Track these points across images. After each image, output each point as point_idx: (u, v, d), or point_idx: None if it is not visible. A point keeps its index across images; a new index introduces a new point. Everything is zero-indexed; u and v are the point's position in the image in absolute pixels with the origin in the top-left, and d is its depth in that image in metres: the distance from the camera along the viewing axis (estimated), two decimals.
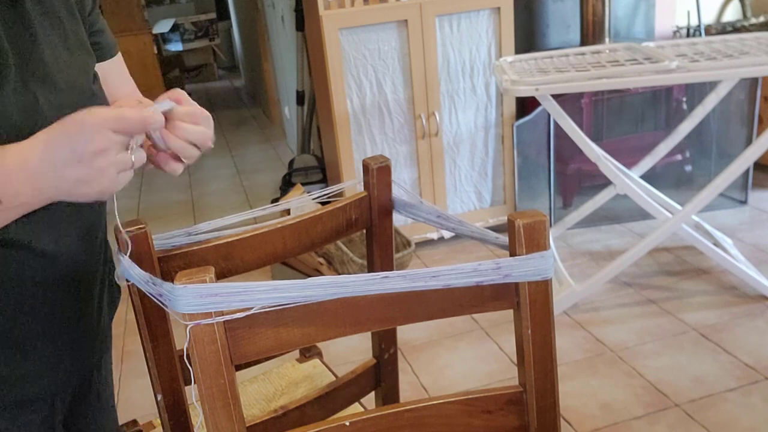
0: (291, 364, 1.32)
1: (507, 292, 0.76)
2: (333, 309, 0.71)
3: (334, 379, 1.23)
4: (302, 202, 0.97)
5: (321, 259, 2.59)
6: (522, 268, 0.73)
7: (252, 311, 0.67)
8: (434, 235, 2.92)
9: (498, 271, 0.73)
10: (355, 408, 1.16)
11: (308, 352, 1.35)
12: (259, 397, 1.24)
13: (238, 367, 0.95)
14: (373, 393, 1.14)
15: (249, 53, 6.71)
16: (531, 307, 0.75)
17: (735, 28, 3.27)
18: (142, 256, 0.80)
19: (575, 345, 2.15)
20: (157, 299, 0.68)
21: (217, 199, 4.01)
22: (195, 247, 0.86)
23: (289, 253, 0.94)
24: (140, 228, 0.80)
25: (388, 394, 1.13)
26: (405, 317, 0.75)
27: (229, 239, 0.88)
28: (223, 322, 0.66)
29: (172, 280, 0.64)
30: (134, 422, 1.21)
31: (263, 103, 6.19)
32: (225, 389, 0.67)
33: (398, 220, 2.85)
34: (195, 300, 0.64)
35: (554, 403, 0.80)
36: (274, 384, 1.27)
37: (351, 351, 2.18)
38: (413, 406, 0.78)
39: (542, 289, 0.75)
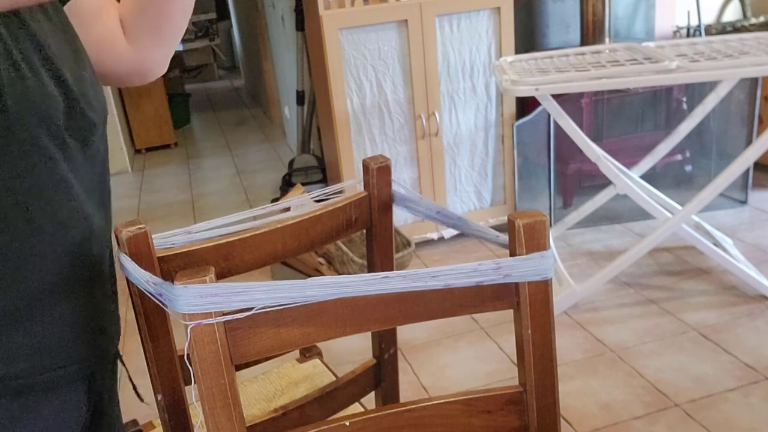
0: (291, 364, 1.32)
1: (507, 292, 0.76)
2: (333, 309, 0.71)
3: (334, 379, 1.23)
4: (302, 201, 0.97)
5: (321, 259, 2.59)
6: (522, 268, 0.73)
7: (252, 311, 0.67)
8: (434, 235, 2.92)
9: (498, 271, 0.73)
10: (355, 408, 1.16)
11: (308, 352, 1.35)
12: (259, 397, 1.24)
13: (238, 367, 0.95)
14: (373, 393, 1.14)
15: (249, 53, 6.71)
16: (531, 307, 0.75)
17: (735, 28, 3.27)
18: (141, 256, 0.80)
19: (575, 345, 2.15)
20: (157, 299, 0.68)
21: (217, 199, 4.01)
22: (195, 247, 0.86)
23: (289, 253, 0.94)
24: (140, 228, 0.80)
25: (388, 394, 1.13)
26: (405, 317, 0.75)
27: (230, 239, 0.88)
28: (224, 322, 0.66)
29: (172, 280, 0.64)
30: (134, 422, 1.21)
31: (263, 103, 6.19)
32: (225, 389, 0.68)
33: (398, 220, 2.85)
34: (195, 300, 0.64)
35: (554, 402, 0.80)
36: (274, 384, 1.27)
37: (351, 351, 2.18)
38: (413, 406, 0.78)
39: (542, 289, 0.75)
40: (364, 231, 1.01)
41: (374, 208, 0.98)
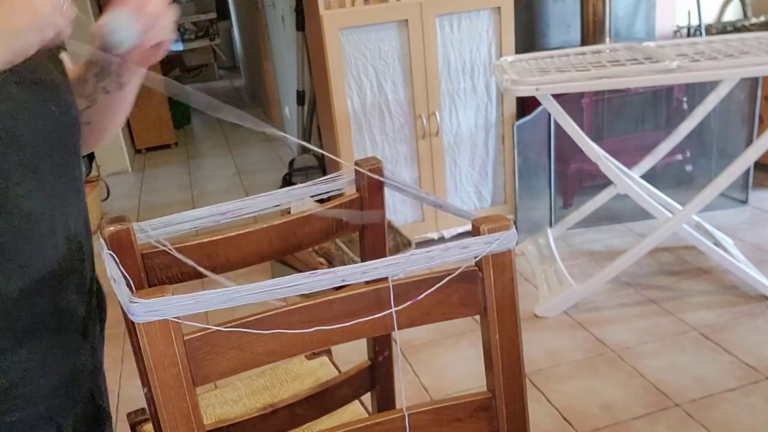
0: (299, 360, 1.32)
1: (473, 299, 0.76)
2: (296, 324, 0.70)
3: None
4: (303, 192, 0.96)
5: (321, 259, 2.59)
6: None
7: (213, 329, 0.66)
8: (434, 235, 2.92)
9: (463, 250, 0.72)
10: (353, 408, 1.16)
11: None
12: (264, 392, 1.25)
13: None
14: (370, 395, 1.13)
15: (249, 53, 6.71)
16: (498, 313, 0.75)
17: (735, 28, 3.26)
18: (125, 252, 0.79)
19: (576, 345, 2.14)
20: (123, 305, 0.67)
21: (217, 199, 4.00)
22: (179, 245, 0.86)
23: (276, 253, 0.93)
24: (122, 225, 0.80)
25: (383, 396, 1.12)
26: (372, 329, 0.74)
27: (214, 238, 0.88)
28: (184, 342, 0.64)
29: (156, 276, 0.64)
30: (142, 411, 1.21)
31: (263, 103, 6.19)
32: (188, 413, 0.66)
33: (398, 220, 2.85)
34: (147, 312, 0.62)
35: (523, 408, 0.80)
36: (281, 379, 1.28)
37: (362, 349, 2.18)
38: (382, 419, 0.77)
39: (508, 294, 0.75)
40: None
41: (366, 209, 0.97)
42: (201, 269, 0.83)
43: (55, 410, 0.77)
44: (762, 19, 3.30)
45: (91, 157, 4.68)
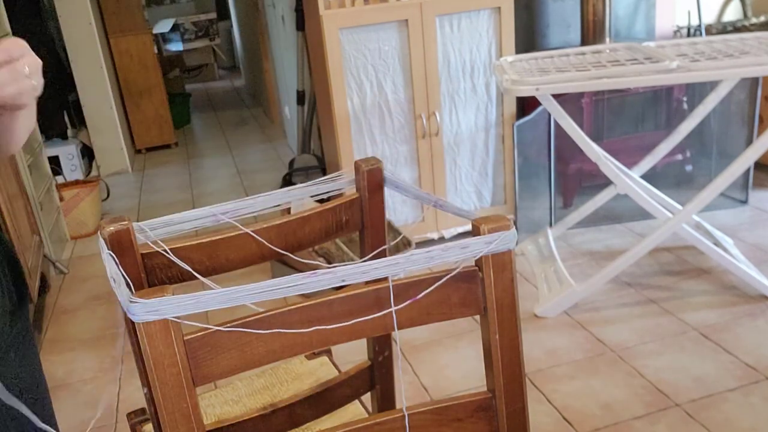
0: (299, 360, 1.32)
1: (474, 299, 0.75)
2: (296, 324, 0.70)
3: None
4: (303, 192, 0.96)
5: (321, 259, 2.59)
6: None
7: (213, 329, 0.65)
8: (434, 235, 2.92)
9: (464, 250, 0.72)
10: (353, 408, 1.16)
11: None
12: (264, 392, 1.25)
13: None
14: (370, 395, 1.13)
15: (249, 53, 6.71)
16: (498, 312, 0.75)
17: (736, 28, 3.27)
18: (124, 252, 0.79)
19: (576, 345, 2.14)
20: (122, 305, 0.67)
21: (218, 198, 4.01)
22: (179, 245, 0.86)
23: (276, 253, 0.93)
24: (123, 224, 0.80)
25: (383, 396, 1.12)
26: (372, 329, 0.74)
27: (214, 238, 0.88)
28: (183, 342, 0.64)
29: (156, 276, 0.64)
30: (142, 411, 1.21)
31: (263, 103, 6.19)
32: (188, 413, 0.65)
33: (398, 220, 2.85)
34: (147, 311, 0.62)
35: (523, 408, 0.80)
36: (281, 379, 1.28)
37: (362, 349, 2.18)
38: (383, 419, 0.77)
39: (509, 294, 0.75)
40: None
41: (366, 209, 0.97)
42: (194, 273, 0.83)
43: None
44: (762, 19, 3.30)
45: (91, 157, 4.68)
